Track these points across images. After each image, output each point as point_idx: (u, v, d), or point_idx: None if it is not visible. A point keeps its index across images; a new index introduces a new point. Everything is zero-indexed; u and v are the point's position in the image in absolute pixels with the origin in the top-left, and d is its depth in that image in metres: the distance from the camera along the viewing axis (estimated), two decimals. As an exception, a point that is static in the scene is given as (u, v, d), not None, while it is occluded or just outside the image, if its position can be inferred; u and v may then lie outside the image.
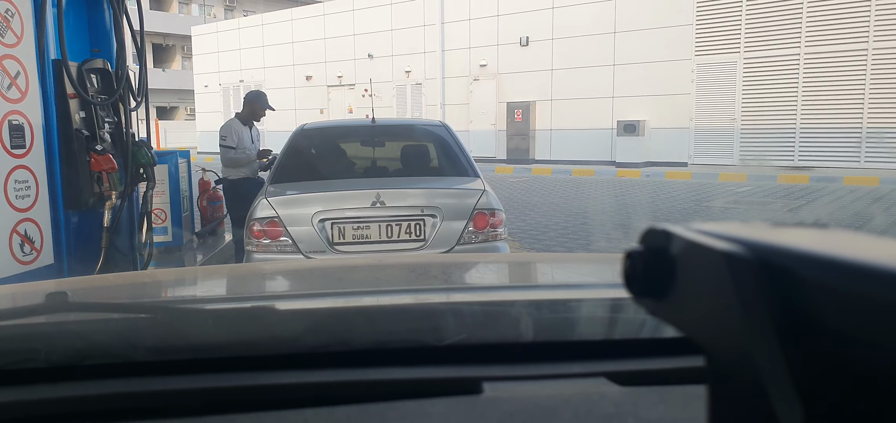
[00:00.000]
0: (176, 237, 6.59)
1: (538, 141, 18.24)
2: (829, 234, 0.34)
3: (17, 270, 3.34)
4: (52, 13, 3.65)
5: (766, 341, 0.29)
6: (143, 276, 2.63)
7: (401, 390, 0.71)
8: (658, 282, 0.36)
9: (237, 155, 5.54)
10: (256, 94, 5.85)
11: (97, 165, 3.86)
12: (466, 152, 4.72)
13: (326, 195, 3.91)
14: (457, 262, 2.07)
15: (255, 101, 5.76)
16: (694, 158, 15.78)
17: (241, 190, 5.55)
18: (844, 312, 0.27)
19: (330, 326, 0.90)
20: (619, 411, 0.64)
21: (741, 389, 0.31)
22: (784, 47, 14.46)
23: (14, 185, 3.36)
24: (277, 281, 1.59)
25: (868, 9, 13.38)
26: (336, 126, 5.93)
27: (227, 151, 5.55)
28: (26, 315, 0.87)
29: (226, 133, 5.57)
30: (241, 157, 5.57)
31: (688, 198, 11.08)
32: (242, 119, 5.70)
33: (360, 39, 21.61)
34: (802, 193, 11.37)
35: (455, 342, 0.80)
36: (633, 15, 16.28)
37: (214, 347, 0.78)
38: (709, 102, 15.57)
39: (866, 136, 13.69)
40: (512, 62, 18.61)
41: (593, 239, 7.69)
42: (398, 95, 21.06)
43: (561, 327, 0.97)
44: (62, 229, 3.70)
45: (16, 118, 3.37)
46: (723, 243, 0.32)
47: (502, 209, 3.98)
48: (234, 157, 5.55)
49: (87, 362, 0.75)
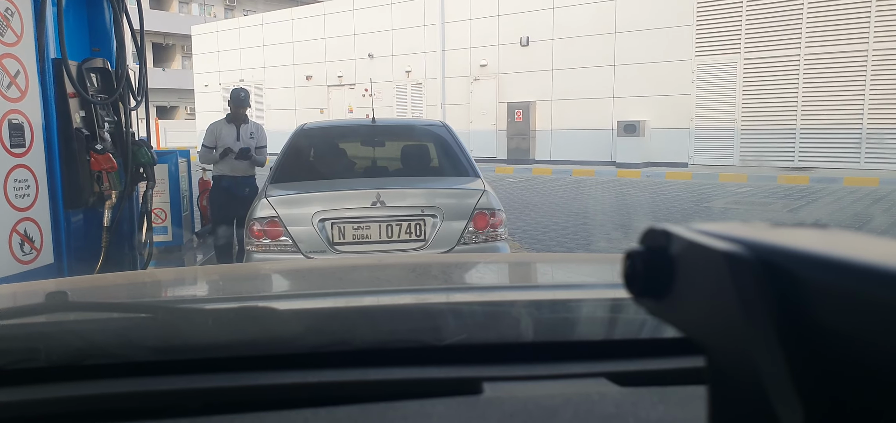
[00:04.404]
0: (176, 237, 6.59)
1: (538, 141, 18.24)
2: (829, 234, 0.34)
3: (16, 269, 3.34)
4: (51, 12, 3.64)
5: (767, 341, 0.29)
6: (142, 275, 2.63)
7: (401, 390, 0.71)
8: (658, 282, 0.36)
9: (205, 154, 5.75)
10: (232, 91, 5.86)
11: (97, 164, 3.86)
12: (467, 152, 4.72)
13: (326, 195, 3.90)
14: (457, 262, 2.07)
15: (230, 99, 5.80)
16: (694, 159, 15.77)
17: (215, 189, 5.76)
18: (844, 312, 0.27)
19: (330, 326, 0.90)
20: (619, 411, 0.64)
21: (741, 389, 0.31)
22: (785, 48, 14.46)
23: (14, 184, 3.36)
24: (277, 281, 1.59)
25: (868, 10, 13.38)
26: (336, 126, 5.93)
27: (202, 151, 5.77)
28: (26, 315, 0.87)
29: (206, 132, 5.76)
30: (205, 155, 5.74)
31: (688, 198, 11.08)
32: (228, 118, 5.72)
33: (361, 39, 21.61)
34: (802, 193, 11.36)
35: (455, 342, 0.80)
36: (634, 15, 16.27)
37: (214, 347, 0.78)
38: (709, 102, 15.57)
39: (866, 136, 13.69)
40: (512, 62, 18.60)
41: (593, 239, 7.69)
42: (398, 94, 21.05)
43: (561, 327, 0.96)
44: (62, 228, 3.70)
45: (15, 117, 3.37)
46: (723, 243, 0.32)
47: (502, 209, 3.98)
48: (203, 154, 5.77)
49: (87, 361, 0.75)
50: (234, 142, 5.59)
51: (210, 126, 5.81)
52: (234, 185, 5.59)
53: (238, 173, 5.62)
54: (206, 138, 5.73)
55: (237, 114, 5.69)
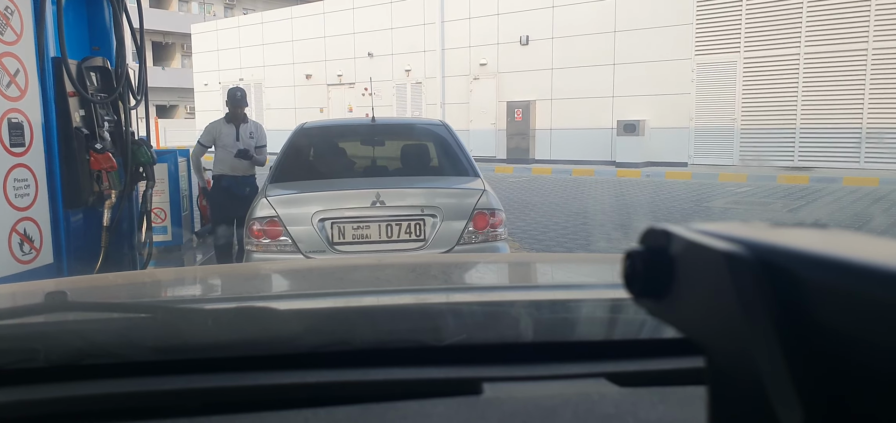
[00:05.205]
0: (175, 237, 6.59)
1: (538, 140, 18.24)
2: (829, 234, 0.34)
3: (16, 269, 3.34)
4: (51, 11, 3.64)
5: (766, 341, 0.29)
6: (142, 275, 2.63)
7: (401, 390, 0.71)
8: (658, 282, 0.36)
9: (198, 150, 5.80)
10: (229, 91, 5.86)
11: (97, 163, 3.86)
12: (466, 152, 4.72)
13: (326, 195, 3.90)
14: (457, 262, 2.07)
15: (227, 99, 5.80)
16: (694, 158, 15.78)
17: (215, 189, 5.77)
18: (844, 312, 0.27)
19: (330, 326, 0.90)
20: (618, 411, 0.64)
21: (741, 389, 0.31)
22: (784, 47, 14.46)
23: (13, 183, 3.36)
24: (277, 281, 1.59)
25: (868, 9, 13.38)
26: (336, 125, 5.92)
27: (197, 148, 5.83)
28: (26, 315, 0.87)
29: (204, 130, 5.80)
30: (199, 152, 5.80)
31: (688, 198, 11.08)
32: (227, 118, 5.73)
33: (360, 38, 21.60)
34: (802, 193, 11.37)
35: (455, 343, 0.80)
36: (633, 14, 16.27)
37: (214, 346, 0.78)
38: (709, 101, 15.57)
39: (866, 136, 13.69)
40: (512, 61, 18.60)
41: (593, 239, 7.69)
42: (398, 93, 21.05)
43: (561, 327, 0.97)
44: (61, 228, 3.69)
45: (15, 116, 3.37)
46: (723, 243, 0.32)
47: (502, 209, 3.98)
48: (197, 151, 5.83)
49: (87, 361, 0.75)
50: (233, 142, 5.59)
51: (209, 125, 5.81)
52: (235, 184, 5.59)
53: (238, 173, 5.61)
54: (202, 137, 5.74)
55: (235, 113, 5.69)
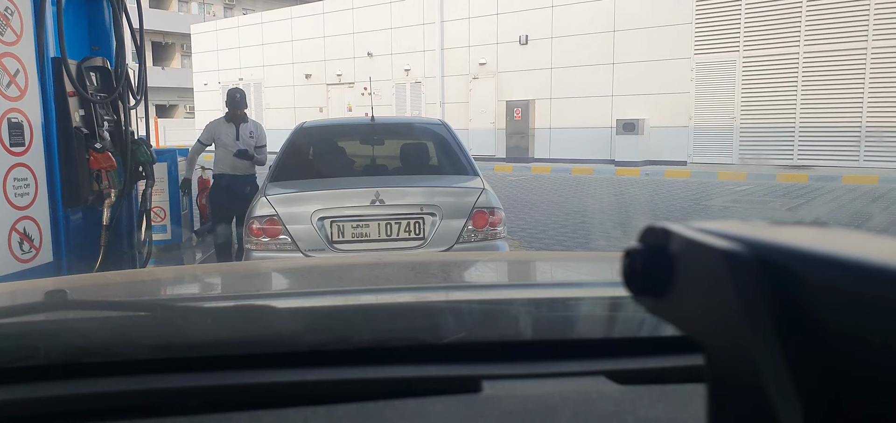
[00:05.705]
0: (175, 235, 6.59)
1: (537, 139, 18.24)
2: (829, 232, 0.34)
3: (16, 268, 3.34)
4: (51, 11, 3.64)
5: (766, 339, 0.29)
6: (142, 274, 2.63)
7: (400, 388, 0.71)
8: (657, 280, 0.36)
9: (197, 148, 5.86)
10: (228, 91, 5.88)
11: (96, 163, 3.86)
12: (466, 151, 4.72)
13: (326, 193, 3.90)
14: (456, 260, 2.07)
15: (226, 99, 5.81)
16: (693, 157, 15.78)
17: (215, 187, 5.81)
18: (844, 310, 0.27)
19: (329, 324, 0.90)
20: (618, 409, 0.64)
21: (741, 387, 0.31)
22: (783, 46, 14.46)
23: (13, 183, 3.36)
24: (277, 279, 1.59)
25: (867, 8, 13.38)
26: (335, 124, 5.93)
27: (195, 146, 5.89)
28: (25, 313, 0.87)
29: (204, 129, 5.84)
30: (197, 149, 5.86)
31: (687, 197, 11.08)
32: (227, 118, 5.74)
33: (360, 38, 21.60)
34: (801, 192, 11.37)
35: (454, 341, 0.80)
36: (633, 13, 16.27)
37: (214, 345, 0.78)
38: (708, 100, 15.57)
39: (865, 135, 13.70)
40: (511, 61, 18.60)
41: (592, 238, 7.70)
42: (397, 93, 21.05)
43: (560, 325, 0.96)
44: (61, 227, 3.70)
45: (15, 116, 3.36)
46: (722, 241, 0.32)
47: (501, 208, 3.98)
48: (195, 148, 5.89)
49: (87, 360, 0.75)
50: (232, 141, 5.59)
51: (208, 124, 5.83)
52: (235, 183, 5.59)
53: (238, 172, 5.62)
54: (202, 136, 5.78)
55: (235, 114, 5.70)
